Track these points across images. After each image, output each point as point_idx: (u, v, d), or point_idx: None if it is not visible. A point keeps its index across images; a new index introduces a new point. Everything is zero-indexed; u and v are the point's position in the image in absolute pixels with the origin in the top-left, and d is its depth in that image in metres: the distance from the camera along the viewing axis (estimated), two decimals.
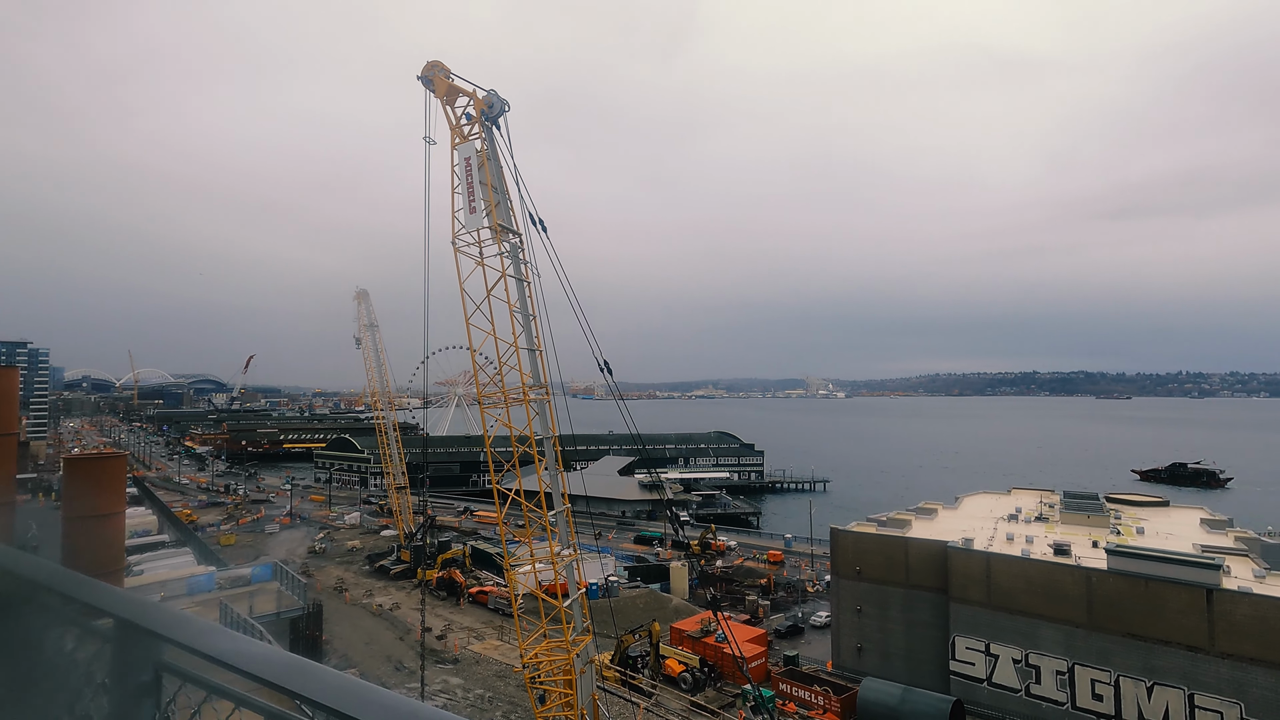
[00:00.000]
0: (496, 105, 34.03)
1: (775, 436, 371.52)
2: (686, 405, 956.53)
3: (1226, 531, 64.11)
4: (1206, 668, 45.37)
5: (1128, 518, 70.80)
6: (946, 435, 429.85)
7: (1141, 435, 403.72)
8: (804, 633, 75.32)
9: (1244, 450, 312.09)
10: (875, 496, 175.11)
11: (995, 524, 68.46)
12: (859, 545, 63.20)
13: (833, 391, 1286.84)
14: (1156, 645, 47.24)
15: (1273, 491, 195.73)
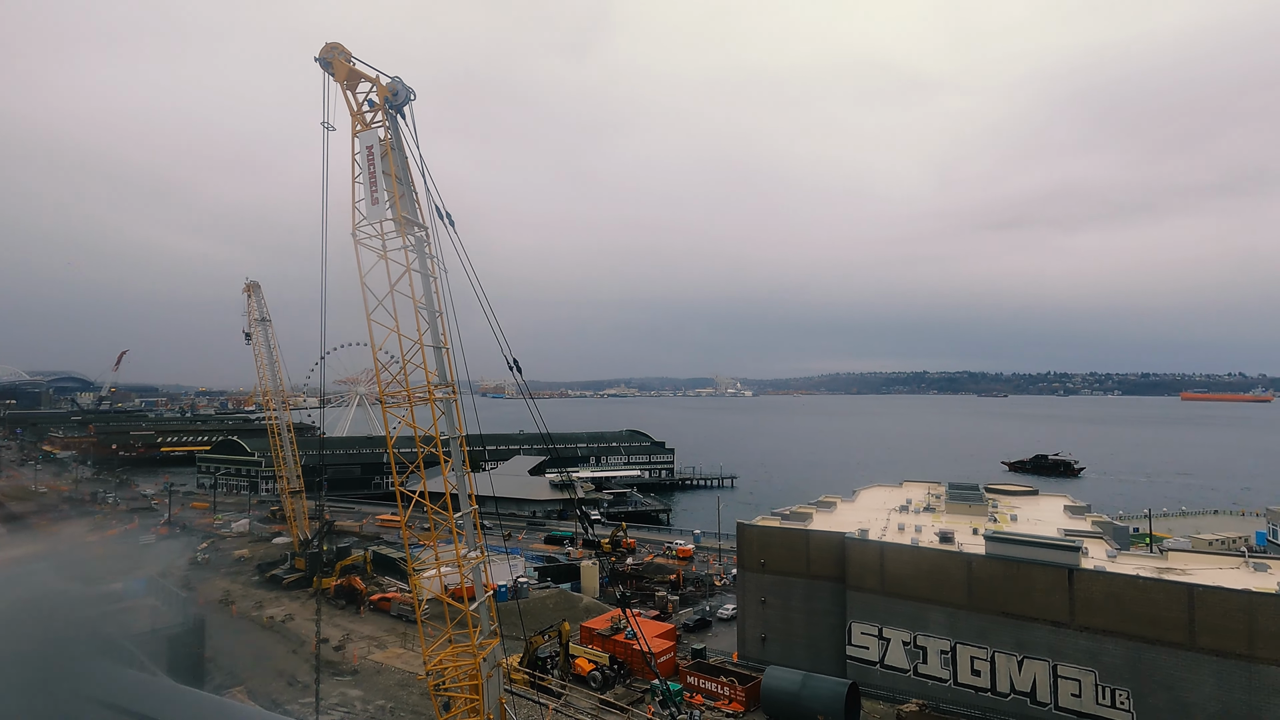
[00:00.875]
0: (401, 93, 32.76)
1: (685, 435, 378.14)
2: (599, 404, 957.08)
3: (1085, 517, 70.90)
4: (1068, 640, 49.97)
5: (1004, 506, 76.86)
6: (846, 432, 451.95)
7: (1013, 430, 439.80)
8: (712, 626, 77.11)
9: (1096, 443, 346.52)
10: (780, 491, 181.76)
11: (888, 515, 72.57)
12: (763, 539, 65.33)
13: (741, 390, 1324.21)
14: (1026, 622, 51.56)
15: (1119, 479, 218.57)
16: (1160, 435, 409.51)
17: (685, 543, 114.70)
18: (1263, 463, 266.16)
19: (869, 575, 58.40)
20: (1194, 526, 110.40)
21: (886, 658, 57.12)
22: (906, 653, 56.21)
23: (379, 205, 32.17)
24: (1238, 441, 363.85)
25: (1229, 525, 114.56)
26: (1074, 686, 49.48)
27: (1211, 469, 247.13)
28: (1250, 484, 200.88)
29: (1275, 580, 49.43)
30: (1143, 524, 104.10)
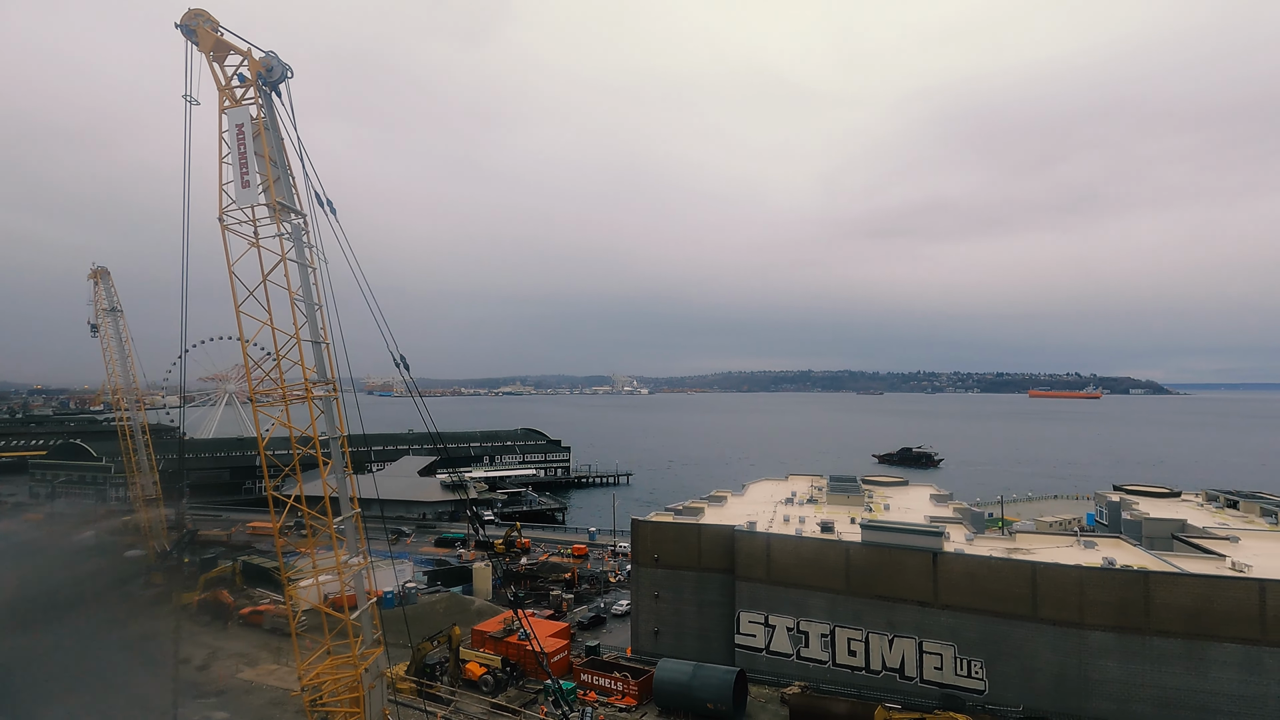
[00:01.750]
0: (277, 69, 30.55)
1: (582, 433, 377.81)
2: (494, 402, 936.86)
3: (948, 504, 77.24)
4: (932, 618, 54.28)
5: (878, 496, 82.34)
6: (737, 428, 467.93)
7: (886, 425, 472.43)
8: (606, 622, 77.49)
9: (955, 436, 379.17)
10: (674, 487, 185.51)
11: (775, 507, 75.83)
12: (657, 534, 66.42)
13: (637, 388, 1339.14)
14: (897, 603, 55.51)
15: (975, 469, 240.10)
16: (1010, 429, 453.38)
17: (581, 540, 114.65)
18: (1091, 452, 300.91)
19: (756, 566, 60.76)
20: (1038, 510, 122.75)
21: (772, 644, 59.66)
22: (790, 638, 58.98)
23: (251, 189, 29.86)
24: (1073, 434, 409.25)
25: (1066, 508, 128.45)
26: (937, 660, 53.80)
27: (1052, 458, 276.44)
28: (1083, 470, 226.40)
29: (1101, 556, 56.01)
30: (996, 509, 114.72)
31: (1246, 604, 46.99)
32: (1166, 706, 47.89)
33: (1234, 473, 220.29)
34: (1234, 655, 46.92)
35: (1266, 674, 46.28)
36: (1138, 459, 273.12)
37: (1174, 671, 47.96)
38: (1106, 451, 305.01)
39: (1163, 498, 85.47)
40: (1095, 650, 49.62)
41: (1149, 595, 48.92)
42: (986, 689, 52.03)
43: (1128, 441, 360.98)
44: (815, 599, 58.36)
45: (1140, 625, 48.81)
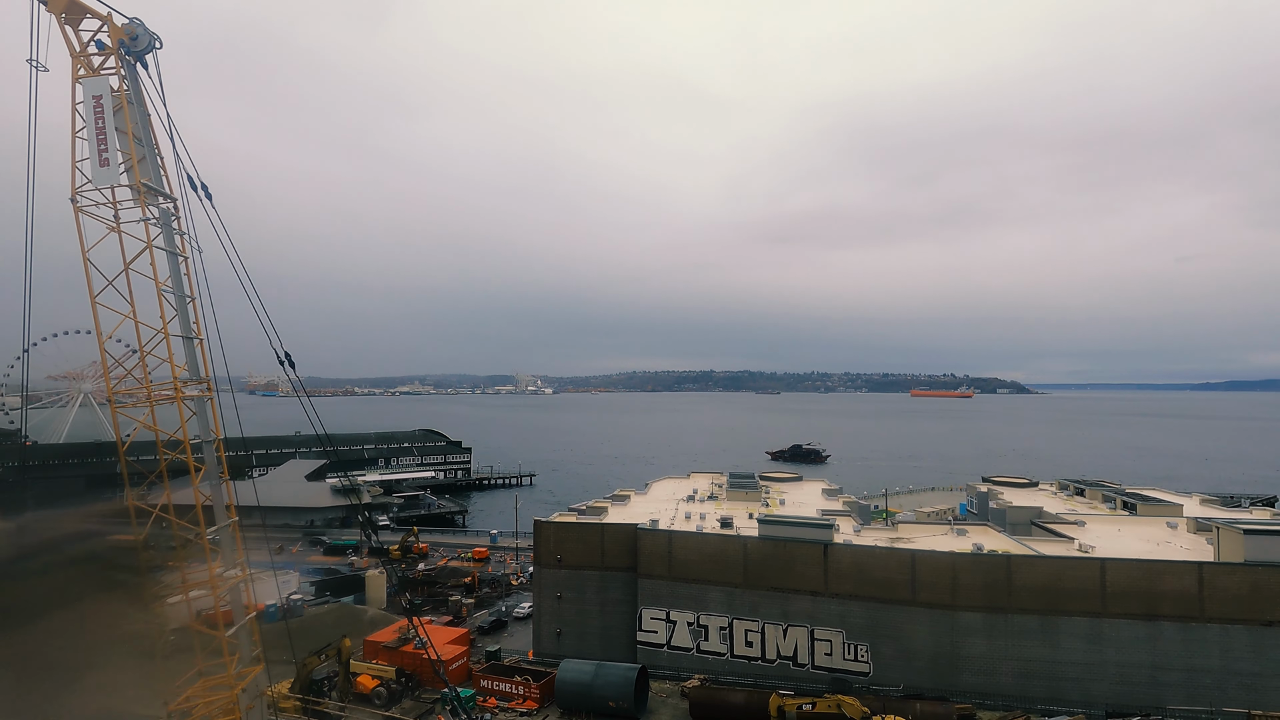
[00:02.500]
0: (143, 38, 27.89)
1: (484, 433, 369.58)
2: (390, 403, 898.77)
3: (838, 498, 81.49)
4: (823, 607, 57.06)
5: (775, 492, 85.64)
6: (641, 427, 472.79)
7: (782, 423, 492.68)
8: (508, 626, 76.16)
9: (846, 433, 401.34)
10: (578, 487, 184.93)
11: (677, 505, 77.22)
12: (560, 535, 66.00)
13: (541, 388, 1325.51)
14: (790, 594, 57.94)
15: (859, 464, 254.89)
16: (895, 426, 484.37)
17: (482, 543, 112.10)
18: (964, 446, 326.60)
19: (658, 563, 61.63)
20: (917, 502, 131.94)
21: (673, 639, 60.71)
22: (691, 633, 60.24)
23: (110, 168, 27.10)
24: (948, 430, 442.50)
25: (941, 499, 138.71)
26: (827, 647, 56.61)
27: (931, 452, 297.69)
28: (956, 464, 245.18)
29: (971, 543, 60.87)
30: (881, 502, 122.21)
31: (1090, 581, 52.51)
32: (1025, 677, 52.71)
33: (1082, 463, 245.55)
34: (1080, 627, 52.31)
35: (1105, 642, 51.92)
36: (1003, 452, 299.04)
37: (1031, 645, 52.86)
38: (977, 446, 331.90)
39: (1023, 488, 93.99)
40: (965, 629, 53.86)
41: (1011, 577, 53.66)
42: (871, 671, 55.29)
43: (995, 436, 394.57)
44: (715, 593, 59.91)
45: (1003, 604, 53.45)
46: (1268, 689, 49.60)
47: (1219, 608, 50.87)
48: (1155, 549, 59.27)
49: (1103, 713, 50.57)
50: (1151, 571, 52.24)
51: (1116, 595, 52.03)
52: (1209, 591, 51.10)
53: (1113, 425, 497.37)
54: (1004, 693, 52.72)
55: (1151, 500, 76.95)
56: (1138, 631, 51.62)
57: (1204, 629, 50.91)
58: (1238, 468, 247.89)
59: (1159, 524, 68.65)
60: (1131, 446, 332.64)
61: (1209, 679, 50.50)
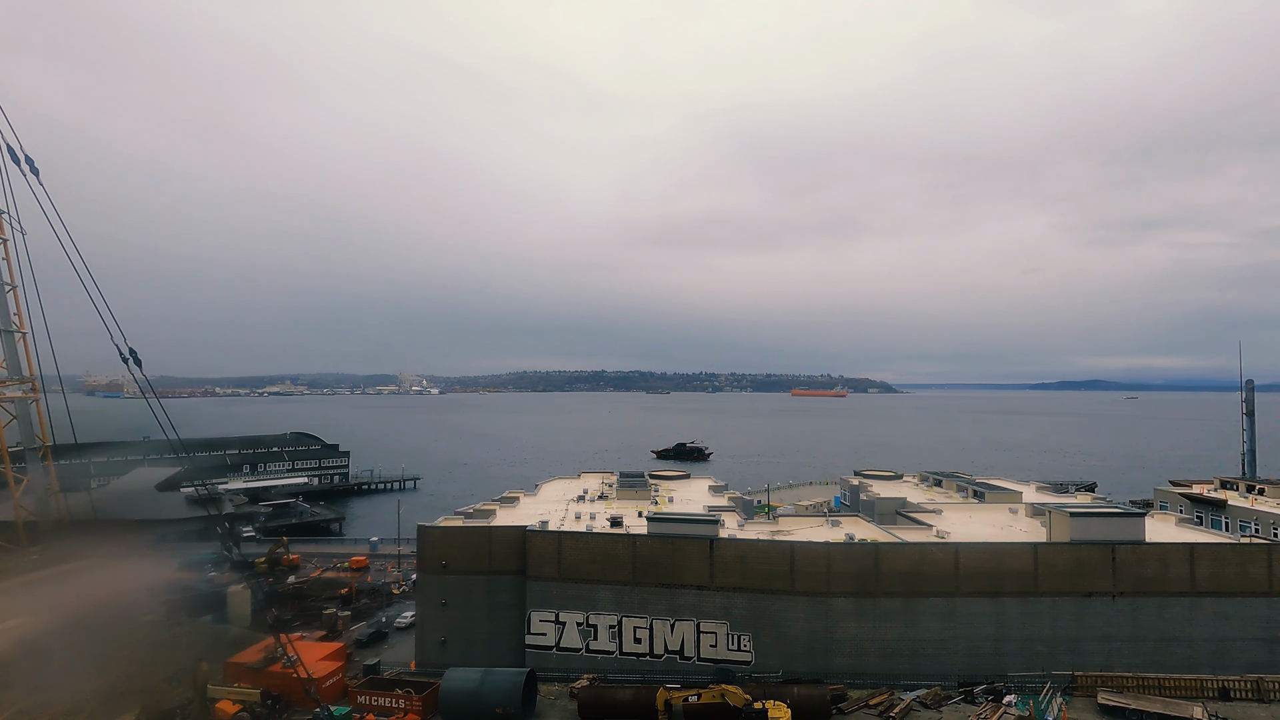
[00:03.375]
0: None
1: (363, 436, 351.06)
2: (257, 404, 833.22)
3: (724, 494, 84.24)
4: (708, 600, 58.76)
5: (664, 490, 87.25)
6: (532, 428, 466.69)
7: (671, 421, 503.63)
8: (389, 637, 72.71)
9: (729, 431, 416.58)
10: (465, 489, 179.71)
11: (567, 505, 76.84)
12: (445, 540, 63.84)
13: (427, 388, 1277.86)
14: (678, 589, 59.21)
15: (744, 461, 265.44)
16: (777, 423, 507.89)
17: (361, 552, 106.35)
18: (839, 442, 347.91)
19: (548, 564, 61.04)
20: (797, 496, 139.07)
21: (562, 641, 60.33)
22: (580, 633, 60.11)
23: None
24: (824, 427, 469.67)
25: (818, 493, 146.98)
26: (712, 639, 58.35)
27: (809, 448, 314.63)
28: (832, 458, 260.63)
29: (844, 533, 64.85)
30: (764, 496, 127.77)
31: (946, 564, 57.45)
32: (889, 655, 56.84)
33: (940, 456, 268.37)
34: (937, 607, 57.10)
35: (958, 619, 57.00)
36: (873, 447, 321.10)
37: (895, 625, 57.08)
38: (850, 442, 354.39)
39: (890, 480, 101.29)
40: (838, 614, 57.31)
41: (878, 563, 57.68)
42: (753, 659, 57.57)
43: (866, 433, 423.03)
44: (604, 592, 60.13)
45: (872, 589, 57.36)
46: (1088, 652, 56.40)
47: (1050, 583, 57.25)
48: (1000, 533, 65.80)
49: (955, 683, 55.46)
50: (997, 553, 57.96)
51: (968, 576, 57.27)
52: (1042, 569, 57.39)
53: (966, 421, 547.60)
54: (871, 672, 56.57)
55: (997, 489, 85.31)
56: (985, 608, 57.08)
57: (1038, 602, 57.11)
58: (1065, 458, 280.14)
59: (1003, 510, 76.31)
60: (983, 440, 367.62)
61: (1042, 646, 56.69)
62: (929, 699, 52.83)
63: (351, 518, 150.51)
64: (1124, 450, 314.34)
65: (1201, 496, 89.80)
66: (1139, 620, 56.98)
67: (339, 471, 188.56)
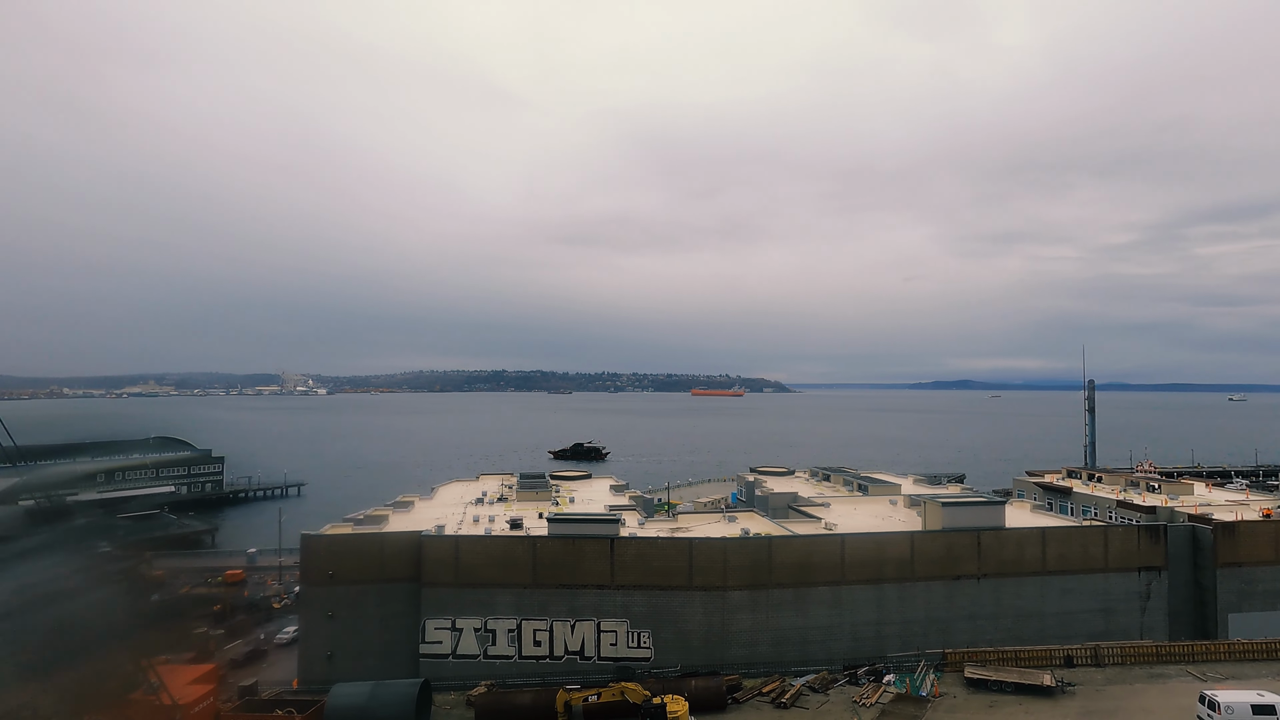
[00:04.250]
0: None
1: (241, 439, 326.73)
2: (116, 405, 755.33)
3: (625, 493, 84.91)
4: (609, 599, 58.99)
5: (565, 490, 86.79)
6: (429, 429, 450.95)
7: (572, 421, 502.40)
8: (268, 655, 68.04)
9: (632, 430, 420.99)
10: (355, 495, 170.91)
11: (465, 508, 74.85)
12: (333, 548, 60.50)
13: (313, 388, 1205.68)
14: (578, 589, 59.06)
15: (641, 460, 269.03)
16: (677, 423, 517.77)
17: (237, 565, 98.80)
18: (735, 440, 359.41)
19: (444, 570, 59.19)
20: (696, 493, 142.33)
21: (459, 648, 58.68)
22: (478, 639, 58.69)
23: None
24: (722, 426, 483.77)
25: (716, 490, 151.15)
26: (613, 637, 58.62)
27: (708, 446, 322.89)
28: (729, 456, 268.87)
29: (740, 528, 67.05)
30: (664, 494, 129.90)
31: (833, 555, 60.66)
32: (780, 644, 59.31)
33: (829, 452, 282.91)
34: (825, 595, 60.18)
35: (843, 607, 60.34)
36: (768, 444, 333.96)
37: (786, 615, 59.63)
38: (747, 439, 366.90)
39: (782, 476, 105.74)
40: (734, 607, 59.17)
41: (771, 556, 60.05)
42: (652, 656, 58.35)
43: (761, 431, 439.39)
44: (503, 596, 59.03)
45: (765, 581, 59.64)
46: (956, 630, 61.29)
47: (925, 568, 61.75)
48: (881, 523, 70.23)
49: (841, 667, 58.67)
50: (878, 543, 61.84)
51: (853, 565, 60.73)
52: (918, 555, 61.81)
53: (853, 419, 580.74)
54: (764, 660, 58.81)
55: (879, 482, 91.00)
56: (868, 594, 60.75)
57: (914, 587, 61.46)
58: (938, 452, 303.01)
59: (884, 502, 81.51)
60: (867, 436, 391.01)
61: (917, 627, 61.05)
62: (817, 683, 55.54)
63: (226, 529, 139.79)
64: (988, 444, 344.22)
65: (1051, 485, 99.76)
66: (1000, 599, 62.57)
67: (211, 479, 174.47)
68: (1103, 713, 49.07)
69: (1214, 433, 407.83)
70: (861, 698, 52.60)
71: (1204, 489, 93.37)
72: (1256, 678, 53.24)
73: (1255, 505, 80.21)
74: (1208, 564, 65.30)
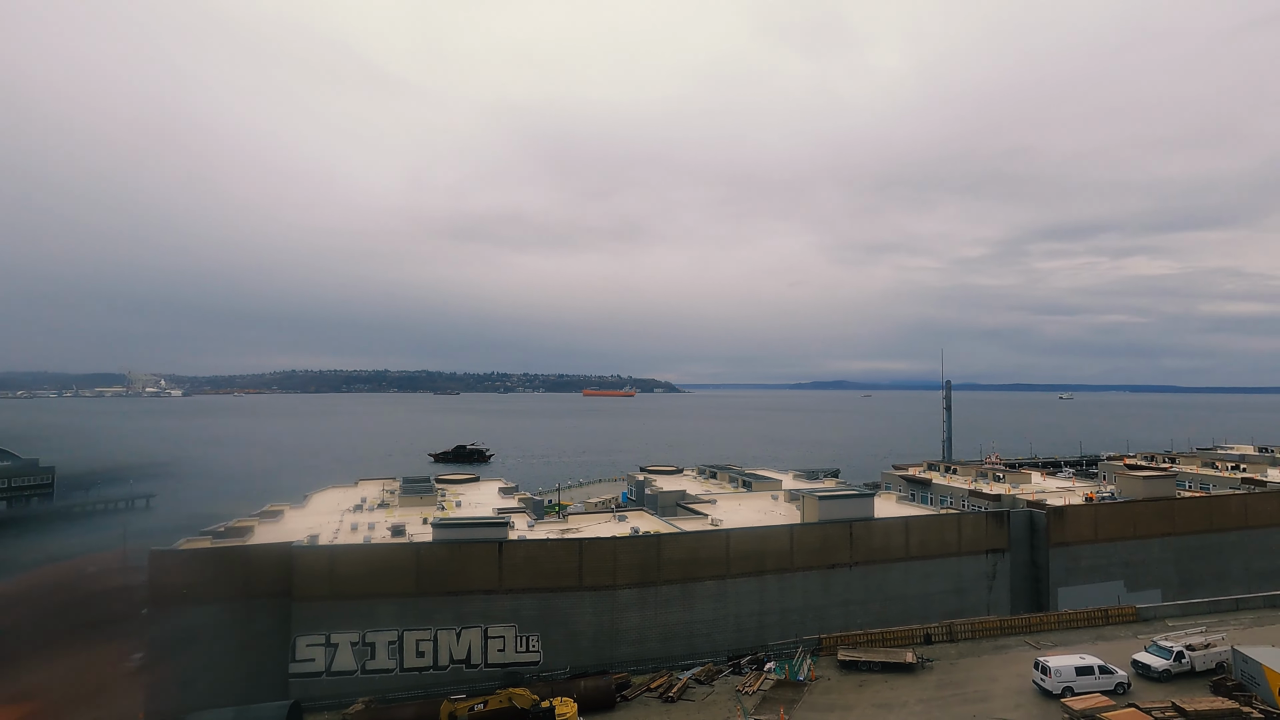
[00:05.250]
0: None
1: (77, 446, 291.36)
2: None
3: (514, 496, 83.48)
4: (496, 604, 57.76)
5: (451, 494, 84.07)
6: (302, 433, 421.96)
7: (460, 423, 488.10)
8: (108, 687, 60.88)
9: (523, 432, 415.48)
10: (214, 506, 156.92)
11: (342, 516, 70.74)
12: (187, 565, 55.27)
13: (167, 389, 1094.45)
14: (465, 596, 57.40)
15: (531, 461, 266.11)
16: (569, 423, 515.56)
17: None
18: (627, 440, 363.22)
19: (318, 583, 55.62)
20: (587, 494, 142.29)
21: (334, 664, 55.35)
22: (355, 653, 55.63)
23: None
24: (613, 426, 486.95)
25: (608, 490, 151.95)
26: (500, 643, 57.45)
27: (599, 447, 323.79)
28: (620, 456, 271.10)
29: (630, 526, 67.76)
30: (554, 495, 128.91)
31: (719, 549, 62.66)
32: (668, 639, 60.54)
33: (716, 450, 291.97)
34: (710, 589, 62.04)
35: (728, 599, 62.49)
36: (658, 444, 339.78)
37: (674, 610, 60.95)
38: (637, 439, 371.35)
39: (672, 474, 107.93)
40: (623, 605, 59.72)
41: (660, 553, 61.15)
42: (541, 659, 57.75)
43: (652, 430, 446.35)
44: (384, 607, 56.30)
45: (654, 578, 60.64)
46: (830, 616, 65.14)
47: (803, 559, 65.15)
48: (764, 518, 73.35)
49: (725, 658, 60.71)
50: (760, 536, 64.56)
51: (737, 559, 63.02)
52: (797, 547, 65.11)
53: (738, 418, 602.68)
54: (653, 656, 59.80)
55: (762, 478, 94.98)
56: (751, 586, 63.26)
57: (793, 577, 64.69)
58: (816, 448, 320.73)
59: (766, 497, 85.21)
60: (751, 435, 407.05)
61: (795, 615, 64.30)
62: (703, 675, 57.17)
63: (58, 548, 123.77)
64: (860, 440, 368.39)
65: (914, 477, 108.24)
66: (869, 585, 67.14)
67: (39, 491, 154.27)
68: (955, 684, 53.84)
69: (1048, 427, 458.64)
70: (744, 686, 54.69)
71: (1040, 478, 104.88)
72: (1080, 643, 60.36)
73: (1080, 491, 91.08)
74: (1042, 544, 73.31)
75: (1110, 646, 59.04)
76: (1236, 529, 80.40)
